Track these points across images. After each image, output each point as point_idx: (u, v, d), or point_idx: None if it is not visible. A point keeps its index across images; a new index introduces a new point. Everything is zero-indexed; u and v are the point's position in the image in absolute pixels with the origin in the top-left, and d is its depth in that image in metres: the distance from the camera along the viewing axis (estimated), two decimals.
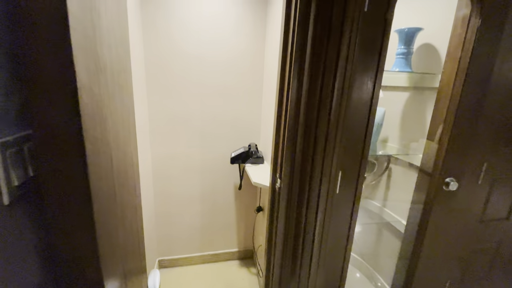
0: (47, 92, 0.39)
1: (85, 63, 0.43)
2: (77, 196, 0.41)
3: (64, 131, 0.40)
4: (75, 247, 0.40)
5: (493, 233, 1.29)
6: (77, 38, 0.39)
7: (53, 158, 0.40)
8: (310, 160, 0.86)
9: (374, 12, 0.82)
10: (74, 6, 0.39)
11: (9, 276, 0.38)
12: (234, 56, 1.48)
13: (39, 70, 0.38)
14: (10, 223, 0.38)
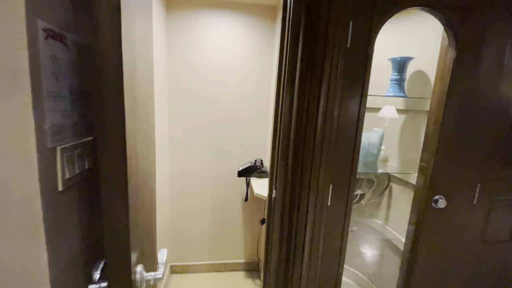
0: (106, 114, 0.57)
1: (128, 98, 0.62)
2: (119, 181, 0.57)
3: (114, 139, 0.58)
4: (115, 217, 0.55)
5: (497, 255, 1.28)
6: (126, 82, 0.58)
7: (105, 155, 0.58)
8: (299, 174, 0.97)
9: (356, 47, 0.97)
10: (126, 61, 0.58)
11: (62, 238, 0.54)
12: (244, 83, 1.67)
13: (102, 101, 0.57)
14: (62, 202, 0.55)
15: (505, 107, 1.12)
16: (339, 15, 0.86)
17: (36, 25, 0.46)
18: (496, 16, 1.01)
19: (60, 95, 0.53)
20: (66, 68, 0.54)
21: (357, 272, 1.74)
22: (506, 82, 1.09)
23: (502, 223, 1.24)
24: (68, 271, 0.58)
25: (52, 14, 0.50)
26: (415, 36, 1.38)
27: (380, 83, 1.47)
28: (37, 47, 0.46)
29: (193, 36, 1.59)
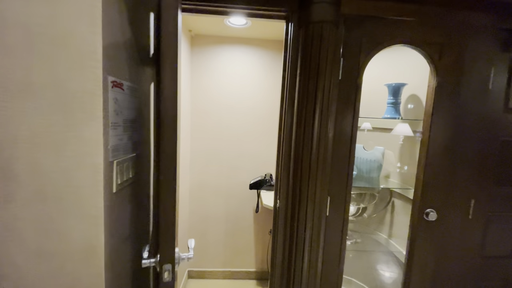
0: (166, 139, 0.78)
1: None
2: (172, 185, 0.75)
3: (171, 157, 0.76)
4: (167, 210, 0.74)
5: (498, 270, 1.32)
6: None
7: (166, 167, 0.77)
8: (298, 187, 1.13)
9: (347, 79, 1.15)
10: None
11: (114, 226, 0.74)
12: (256, 106, 1.89)
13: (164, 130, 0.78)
14: (117, 200, 0.76)
15: (494, 128, 1.22)
16: (329, 54, 1.05)
17: (107, 79, 0.69)
18: (474, 48, 1.15)
19: (118, 124, 0.76)
20: (122, 105, 0.78)
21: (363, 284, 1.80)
22: (492, 105, 1.20)
23: (501, 238, 1.29)
24: (119, 249, 0.78)
25: (116, 71, 0.74)
26: (409, 64, 1.53)
27: (378, 106, 1.61)
28: (107, 93, 0.70)
29: (213, 68, 1.85)
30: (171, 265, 0.72)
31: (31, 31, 0.65)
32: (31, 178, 0.69)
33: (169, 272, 0.71)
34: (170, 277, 0.72)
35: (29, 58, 0.66)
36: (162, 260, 0.70)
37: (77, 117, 0.68)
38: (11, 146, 0.68)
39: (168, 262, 0.71)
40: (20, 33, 0.65)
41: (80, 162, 0.69)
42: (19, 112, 0.67)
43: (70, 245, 0.71)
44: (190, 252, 0.81)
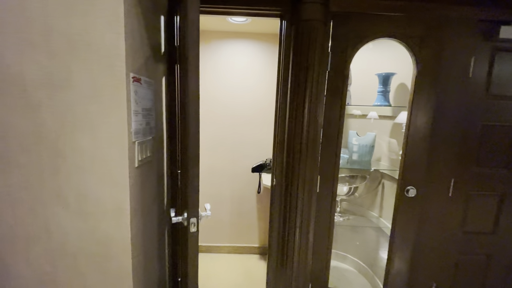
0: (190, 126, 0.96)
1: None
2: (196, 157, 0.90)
3: (196, 139, 0.97)
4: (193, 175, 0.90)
5: (480, 246, 1.45)
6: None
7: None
8: (291, 166, 1.30)
9: (335, 70, 1.28)
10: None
11: (136, 191, 0.93)
12: (257, 96, 2.04)
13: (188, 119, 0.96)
14: (139, 173, 0.95)
15: (475, 113, 1.32)
16: (317, 49, 1.19)
17: (129, 75, 0.87)
18: (453, 40, 1.25)
19: (138, 112, 0.94)
20: (141, 96, 0.95)
21: (358, 261, 1.97)
22: (473, 92, 1.31)
23: (481, 215, 1.42)
24: (143, 211, 0.98)
25: (136, 68, 0.92)
26: (399, 54, 1.63)
27: (370, 95, 1.74)
28: (129, 86, 0.87)
29: (217, 61, 2.00)
30: (196, 218, 0.89)
31: (71, 39, 0.83)
32: (73, 155, 0.89)
33: (194, 224, 0.89)
34: (195, 228, 0.89)
35: (70, 60, 0.84)
36: (189, 216, 0.88)
37: (107, 106, 0.86)
38: (58, 129, 0.87)
39: (194, 216, 0.89)
40: (64, 41, 0.83)
41: (110, 142, 0.88)
42: (65, 103, 0.86)
43: (104, 207, 0.91)
44: (207, 211, 1.00)
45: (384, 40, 1.30)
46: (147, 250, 1.08)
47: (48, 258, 0.94)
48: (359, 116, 1.83)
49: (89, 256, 0.94)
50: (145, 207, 1.04)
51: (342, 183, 1.84)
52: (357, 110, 1.80)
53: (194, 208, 0.88)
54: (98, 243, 0.94)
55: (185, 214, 0.91)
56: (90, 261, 0.95)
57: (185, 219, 0.93)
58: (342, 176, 1.84)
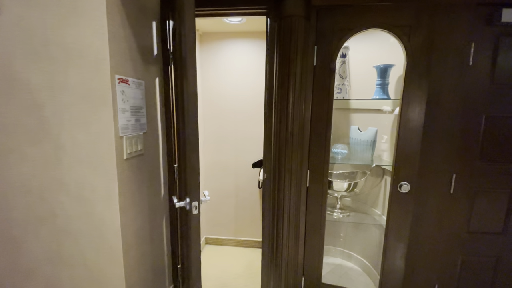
0: (190, 122, 1.07)
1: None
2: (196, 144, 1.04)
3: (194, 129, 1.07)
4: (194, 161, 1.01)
5: (488, 247, 1.35)
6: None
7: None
8: (277, 160, 1.33)
9: (321, 65, 1.28)
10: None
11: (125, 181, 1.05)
12: (257, 94, 2.08)
13: (188, 114, 1.07)
14: (128, 165, 1.06)
15: (478, 104, 1.23)
16: (298, 44, 1.20)
17: (114, 77, 0.98)
18: (447, 27, 1.18)
19: (125, 110, 1.04)
20: (128, 96, 1.06)
21: (363, 259, 1.92)
22: (474, 81, 1.22)
23: (488, 214, 1.31)
24: (133, 198, 1.09)
25: (122, 70, 1.02)
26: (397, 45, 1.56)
27: (368, 88, 1.68)
28: (115, 87, 0.98)
29: (217, 61, 2.09)
30: (197, 202, 0.95)
31: (67, 47, 0.96)
32: (72, 148, 1.02)
33: (196, 207, 0.96)
34: (197, 210, 0.95)
35: (66, 66, 0.97)
36: (191, 199, 0.96)
37: (97, 105, 0.98)
38: (59, 126, 1.01)
39: (195, 200, 0.95)
40: (60, 49, 0.96)
41: (101, 136, 0.99)
42: (63, 102, 0.99)
43: (98, 194, 1.04)
44: (206, 197, 1.08)
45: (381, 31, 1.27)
46: (140, 234, 1.19)
47: (54, 237, 1.09)
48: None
49: (87, 237, 1.08)
50: (135, 195, 1.15)
51: (341, 179, 1.81)
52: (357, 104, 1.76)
53: (195, 192, 0.95)
54: (95, 225, 1.06)
55: (187, 199, 0.98)
56: (88, 241, 1.08)
57: (187, 203, 0.99)
58: (341, 173, 1.82)
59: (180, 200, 1.07)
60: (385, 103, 1.62)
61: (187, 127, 0.92)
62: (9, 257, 1.09)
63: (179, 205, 1.04)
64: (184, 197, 1.08)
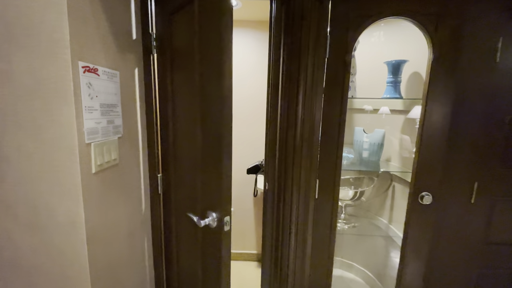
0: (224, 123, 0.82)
1: None
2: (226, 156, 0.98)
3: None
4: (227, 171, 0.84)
5: (507, 259, 1.24)
6: None
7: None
8: (284, 169, 1.13)
9: (334, 57, 1.10)
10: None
11: (94, 201, 0.80)
12: (254, 92, 1.87)
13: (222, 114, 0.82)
14: (98, 180, 0.82)
15: (503, 106, 1.11)
16: (311, 32, 1.01)
17: (77, 64, 0.73)
18: (476, 17, 1.04)
19: (93, 108, 0.79)
20: (98, 90, 0.81)
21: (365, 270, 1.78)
22: (501, 80, 1.09)
23: (509, 224, 1.21)
24: (105, 222, 0.85)
25: (89, 57, 0.77)
26: (412, 38, 1.42)
27: (377, 86, 1.53)
28: (78, 78, 0.73)
29: None
30: (229, 217, 0.86)
31: (9, 22, 0.69)
32: (18, 160, 0.76)
33: (227, 223, 0.86)
34: (228, 226, 0.87)
35: (9, 48, 0.71)
36: (222, 215, 0.84)
37: (52, 102, 0.72)
38: (1, 131, 0.74)
39: (227, 215, 0.85)
40: (1, 25, 0.69)
41: (57, 144, 0.74)
42: (5, 100, 0.72)
43: (56, 220, 0.78)
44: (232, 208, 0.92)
45: (394, 22, 1.11)
46: (114, 265, 0.95)
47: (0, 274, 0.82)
48: (367, 111, 1.63)
49: (45, 274, 0.82)
50: (108, 218, 0.90)
51: (346, 186, 1.66)
52: (364, 104, 1.60)
53: (227, 206, 0.86)
54: (53, 260, 0.81)
55: (214, 214, 0.87)
56: (46, 279, 0.82)
57: (214, 219, 0.86)
58: (346, 179, 1.66)
59: (202, 218, 0.90)
60: (397, 102, 1.48)
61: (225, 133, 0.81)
62: None
63: (204, 223, 0.87)
64: (204, 212, 0.91)
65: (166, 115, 1.10)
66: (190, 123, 0.96)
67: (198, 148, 0.94)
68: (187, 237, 1.09)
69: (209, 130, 0.87)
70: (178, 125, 1.05)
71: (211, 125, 0.86)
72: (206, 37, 0.84)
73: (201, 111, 0.90)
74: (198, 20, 0.86)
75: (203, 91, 0.88)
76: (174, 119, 1.07)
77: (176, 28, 0.99)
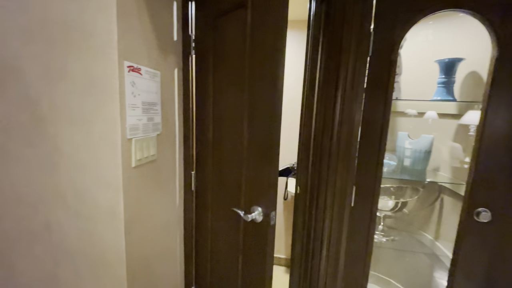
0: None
1: None
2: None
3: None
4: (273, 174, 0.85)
5: None
6: None
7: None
8: (317, 173, 1.08)
9: (378, 56, 1.02)
10: None
11: (141, 197, 0.84)
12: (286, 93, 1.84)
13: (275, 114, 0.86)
14: (137, 174, 0.86)
15: None
16: (353, 28, 0.95)
17: (123, 63, 0.77)
18: None
19: (136, 106, 0.84)
20: (140, 88, 0.86)
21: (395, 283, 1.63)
22: None
23: None
24: (141, 213, 0.89)
25: (134, 57, 0.82)
26: (469, 34, 1.26)
27: (426, 87, 1.39)
28: (123, 77, 0.78)
29: None
30: (274, 212, 0.90)
31: (67, 26, 0.76)
32: (69, 152, 0.83)
33: (273, 217, 0.89)
34: (274, 220, 0.90)
35: (66, 49, 0.78)
36: (269, 210, 0.87)
37: (101, 99, 0.78)
38: (55, 124, 0.82)
39: (273, 210, 0.89)
40: (59, 28, 0.77)
41: (103, 138, 0.79)
42: (60, 96, 0.80)
43: (99, 209, 0.84)
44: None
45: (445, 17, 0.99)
46: (149, 257, 0.99)
47: (49, 256, 0.90)
48: (411, 115, 1.49)
49: (86, 258, 0.88)
50: (145, 210, 0.94)
51: (386, 196, 1.53)
52: (409, 106, 1.47)
53: (273, 201, 0.88)
54: (94, 246, 0.87)
55: (259, 209, 0.91)
56: (87, 263, 0.89)
57: (260, 213, 0.91)
58: (387, 187, 1.53)
59: (247, 212, 0.93)
60: (448, 106, 1.33)
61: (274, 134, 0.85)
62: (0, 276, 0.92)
63: (251, 218, 0.90)
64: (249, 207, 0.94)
65: (204, 114, 1.12)
66: (235, 123, 0.98)
67: (244, 147, 0.94)
68: (225, 232, 1.10)
69: (256, 130, 0.90)
70: (219, 125, 1.07)
71: (259, 126, 0.89)
72: (259, 41, 0.86)
73: (249, 112, 0.91)
74: (250, 24, 0.88)
75: (252, 91, 0.89)
76: (214, 119, 1.09)
77: (220, 30, 1.01)
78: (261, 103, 0.87)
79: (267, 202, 0.88)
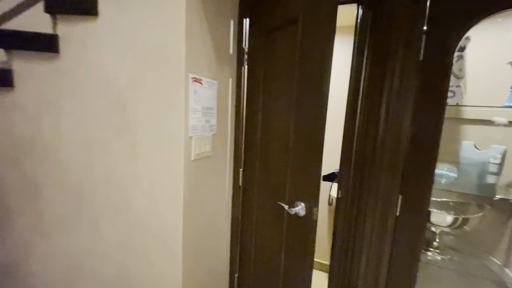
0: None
1: None
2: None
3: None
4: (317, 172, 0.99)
5: None
6: None
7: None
8: (359, 178, 1.08)
9: (431, 60, 0.99)
10: None
11: (190, 185, 1.01)
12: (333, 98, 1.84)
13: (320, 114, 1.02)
14: (195, 166, 1.03)
15: None
16: (401, 34, 0.94)
17: (188, 76, 0.95)
18: None
19: (196, 110, 1.01)
20: (201, 96, 1.02)
21: None
22: None
23: None
24: (196, 199, 1.05)
25: (196, 70, 0.99)
26: None
27: (496, 91, 1.24)
28: (188, 86, 0.95)
29: None
30: (317, 208, 0.98)
31: (147, 46, 0.98)
32: (146, 143, 1.04)
33: (315, 212, 0.97)
34: (316, 215, 0.98)
35: (146, 64, 0.99)
36: (312, 205, 0.97)
37: (170, 104, 0.96)
38: (136, 123, 1.05)
39: (315, 205, 0.97)
40: (142, 49, 0.99)
41: (171, 135, 0.98)
42: (140, 101, 1.02)
43: (165, 193, 1.03)
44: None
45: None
46: (201, 239, 1.15)
47: (126, 229, 1.14)
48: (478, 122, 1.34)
49: (152, 235, 1.09)
50: (200, 198, 1.11)
51: (444, 210, 1.40)
52: (475, 113, 1.33)
53: (316, 197, 0.97)
54: (159, 225, 1.06)
55: (302, 204, 1.00)
56: (152, 238, 1.09)
57: (303, 208, 0.99)
58: (445, 201, 1.40)
59: (291, 206, 1.03)
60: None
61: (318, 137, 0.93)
62: (91, 240, 1.20)
63: (295, 211, 1.00)
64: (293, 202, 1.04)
65: (253, 118, 1.25)
66: (282, 127, 1.09)
67: (289, 148, 1.04)
68: (269, 226, 1.21)
69: (302, 132, 0.98)
70: (266, 128, 1.18)
71: (305, 128, 0.97)
72: (308, 52, 0.96)
73: (296, 116, 1.00)
74: (300, 37, 0.99)
75: (299, 98, 0.99)
76: (262, 122, 1.21)
77: (272, 44, 1.13)
78: (307, 107, 0.95)
79: (310, 198, 0.96)
